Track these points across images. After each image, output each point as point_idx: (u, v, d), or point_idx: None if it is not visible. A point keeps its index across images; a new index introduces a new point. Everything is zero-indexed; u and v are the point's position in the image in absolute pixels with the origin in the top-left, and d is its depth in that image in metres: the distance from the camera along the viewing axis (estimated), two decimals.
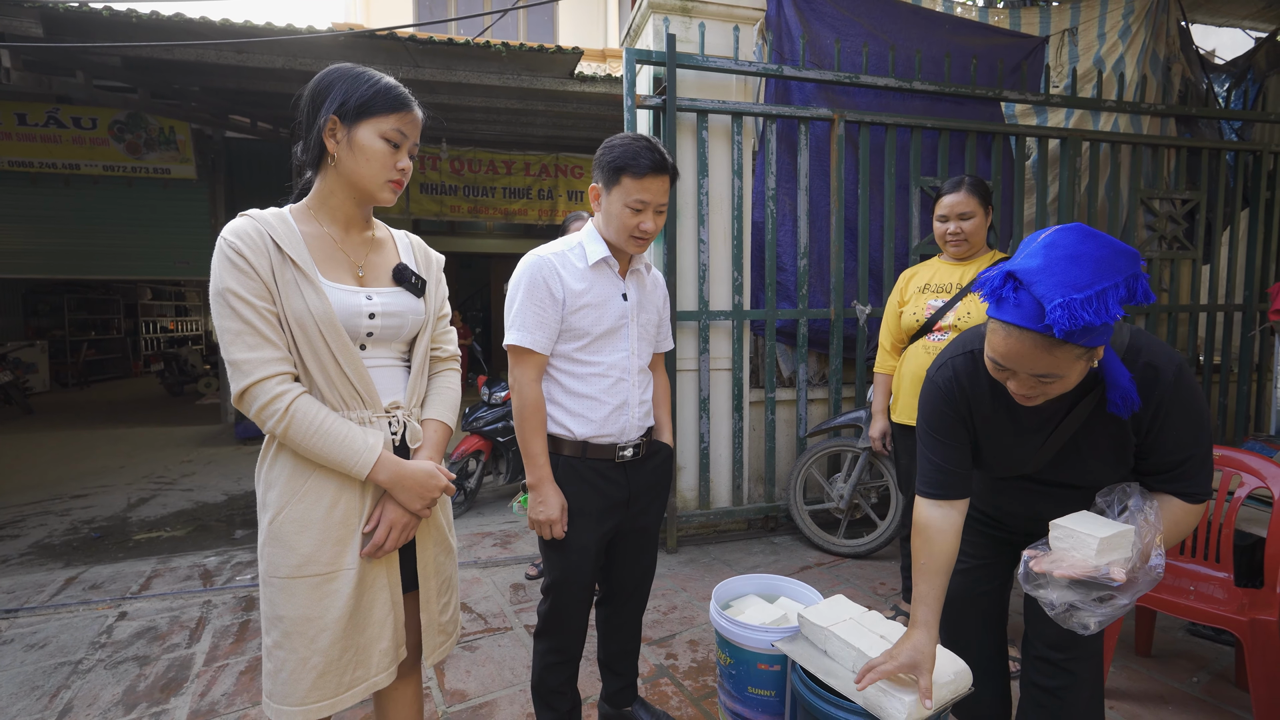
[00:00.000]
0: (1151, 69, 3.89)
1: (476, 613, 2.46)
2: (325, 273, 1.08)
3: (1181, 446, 1.12)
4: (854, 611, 1.51)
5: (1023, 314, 0.96)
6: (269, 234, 1.03)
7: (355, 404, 1.09)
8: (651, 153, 1.39)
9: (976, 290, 1.06)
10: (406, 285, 1.16)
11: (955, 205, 2.03)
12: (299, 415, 1.01)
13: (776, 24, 3.24)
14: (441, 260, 1.30)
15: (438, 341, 1.25)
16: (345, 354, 1.06)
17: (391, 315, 1.13)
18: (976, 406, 1.22)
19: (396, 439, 1.14)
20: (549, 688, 1.54)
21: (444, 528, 1.24)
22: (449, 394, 1.26)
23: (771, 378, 3.25)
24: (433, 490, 1.12)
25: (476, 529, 3.58)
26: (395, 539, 1.09)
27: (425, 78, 4.52)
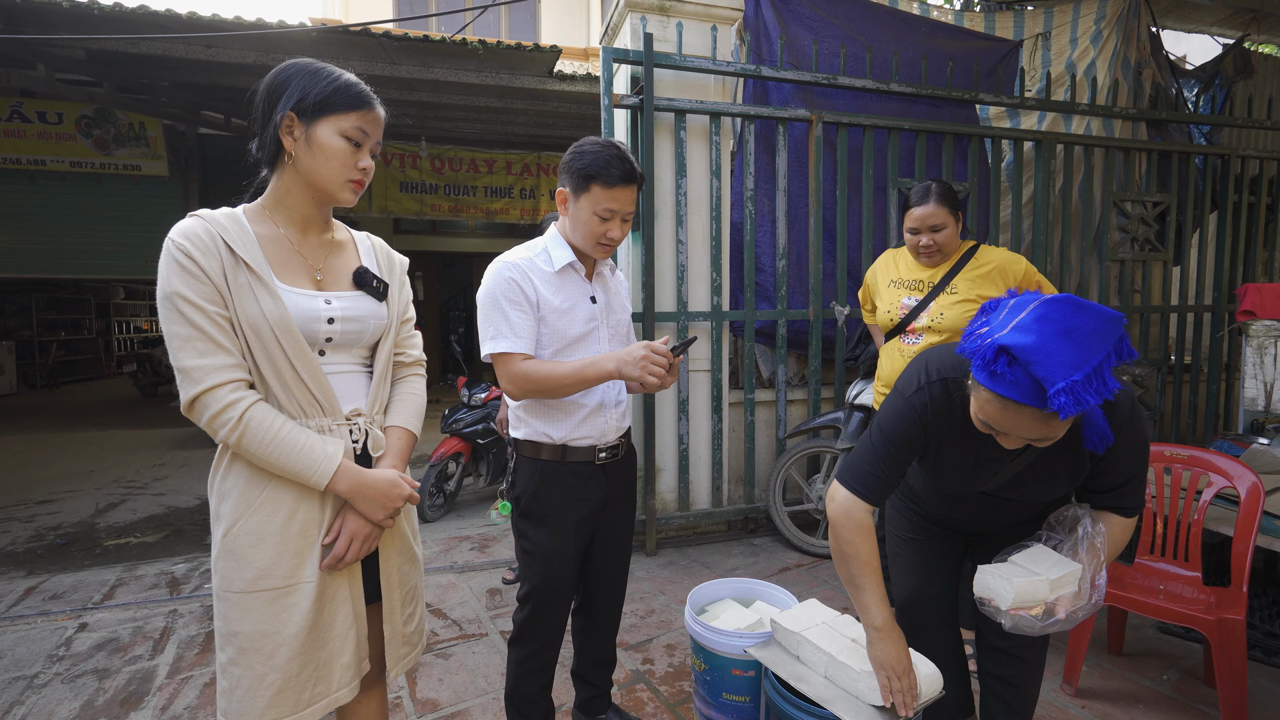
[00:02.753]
0: (1123, 74, 3.95)
1: (451, 619, 2.42)
2: (281, 276, 1.04)
3: (1128, 469, 1.20)
4: (827, 616, 1.50)
5: (1020, 390, 0.96)
6: (220, 235, 0.99)
7: (314, 411, 1.05)
8: (623, 162, 1.38)
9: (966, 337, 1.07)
10: (368, 289, 1.13)
11: (926, 218, 2.00)
12: (253, 424, 0.97)
13: (754, 24, 3.24)
14: (405, 263, 1.26)
15: (401, 346, 1.22)
16: (302, 360, 1.02)
17: (351, 320, 1.09)
18: (944, 435, 1.23)
19: (358, 447, 1.10)
20: (524, 696, 1.51)
21: (408, 536, 1.21)
22: (413, 400, 1.22)
23: (750, 379, 3.24)
24: (395, 500, 1.08)
25: (455, 532, 3.54)
26: (357, 550, 1.06)
27: (402, 75, 4.45)
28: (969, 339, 1.05)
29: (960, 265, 2.03)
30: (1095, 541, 1.21)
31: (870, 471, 1.27)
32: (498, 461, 4.47)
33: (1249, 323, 3.13)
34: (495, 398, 4.50)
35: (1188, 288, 4.11)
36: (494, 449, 4.43)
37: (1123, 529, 1.25)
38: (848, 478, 1.29)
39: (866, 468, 1.27)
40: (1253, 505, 1.83)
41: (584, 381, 1.37)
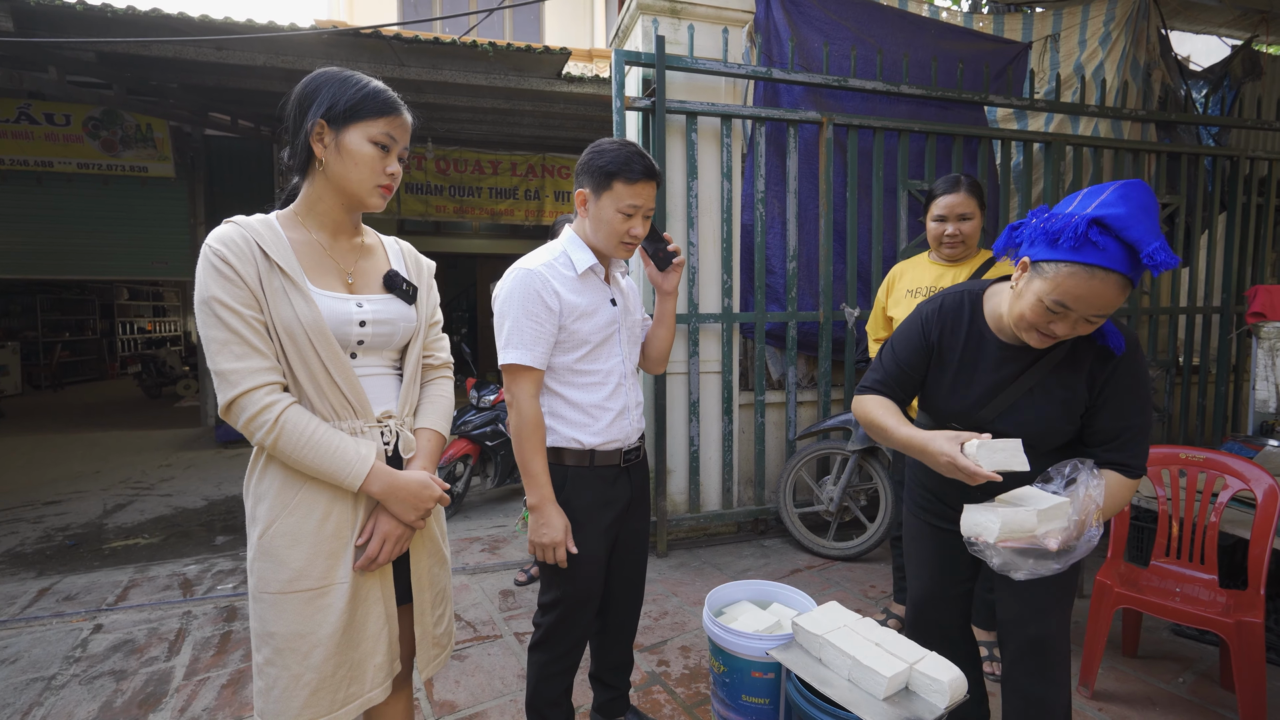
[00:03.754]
0: (1132, 75, 3.94)
1: (465, 620, 2.42)
2: (314, 280, 1.06)
3: (1125, 414, 1.22)
4: (848, 618, 1.51)
5: (1109, 257, 1.04)
6: (255, 241, 1.01)
7: (346, 414, 1.07)
8: (643, 159, 1.40)
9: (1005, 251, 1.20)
10: (398, 292, 1.14)
11: (954, 206, 2.01)
12: (289, 426, 0.99)
13: (765, 27, 3.24)
14: (432, 266, 1.28)
15: (430, 349, 1.23)
16: (335, 363, 1.04)
17: (382, 323, 1.11)
18: (948, 339, 1.32)
19: (389, 449, 1.12)
20: (546, 701, 1.51)
21: (438, 538, 1.22)
22: (442, 402, 1.23)
23: (761, 380, 3.25)
24: (427, 501, 1.10)
25: (464, 534, 3.54)
26: (389, 551, 1.07)
27: (410, 77, 4.46)
28: (1017, 231, 1.17)
29: (979, 273, 2.04)
30: (1091, 491, 1.18)
31: (878, 377, 1.40)
32: (505, 463, 4.47)
33: (1260, 324, 3.13)
34: (504, 399, 4.51)
35: (1196, 289, 4.11)
36: (502, 450, 4.44)
37: (1123, 485, 1.23)
38: (861, 385, 1.43)
39: (875, 373, 1.41)
40: (1270, 507, 1.83)
41: (521, 467, 1.41)
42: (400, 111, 1.09)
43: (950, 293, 1.34)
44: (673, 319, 1.62)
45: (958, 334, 1.30)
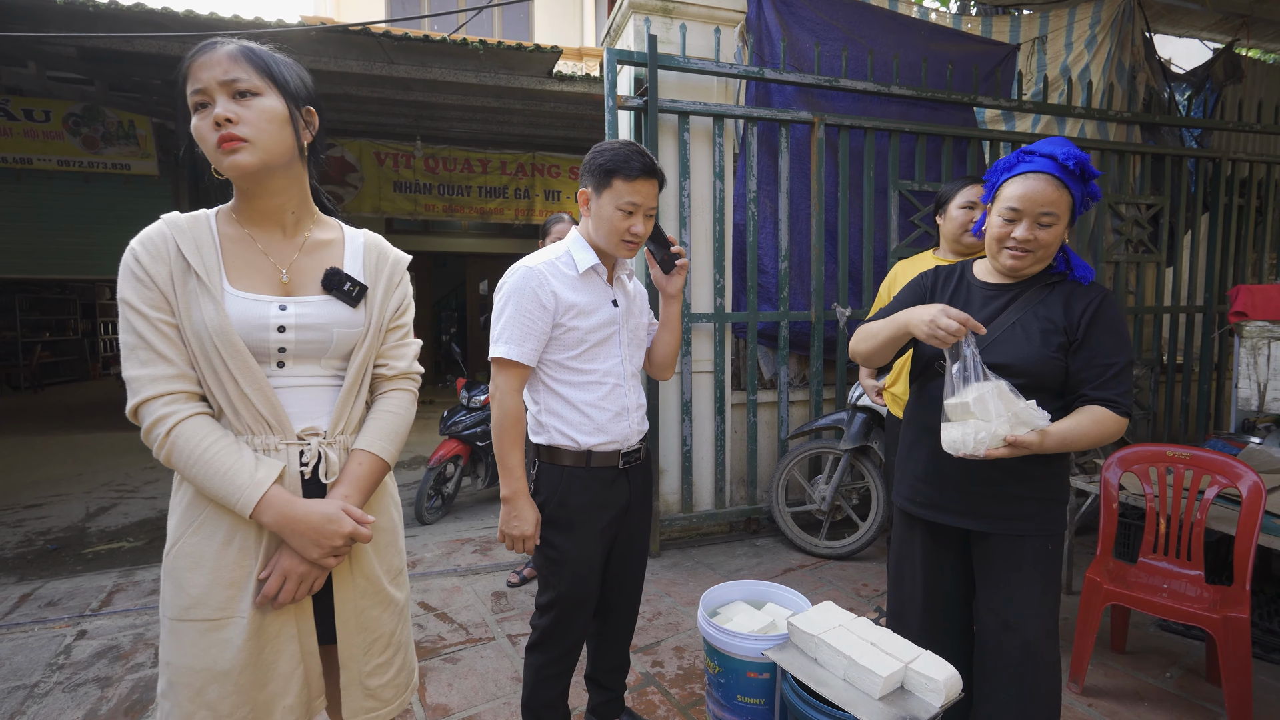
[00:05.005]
0: (1118, 77, 4.00)
1: (458, 623, 2.40)
2: (238, 279, 0.96)
3: (1108, 353, 1.33)
4: (844, 618, 1.51)
5: (1034, 165, 1.29)
6: (175, 239, 0.94)
7: (261, 429, 0.95)
8: (642, 157, 1.40)
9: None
10: (338, 293, 1.02)
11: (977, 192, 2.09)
12: (180, 441, 0.90)
13: (757, 27, 3.25)
14: (399, 262, 1.13)
15: (385, 357, 1.09)
16: (244, 371, 0.93)
17: (310, 328, 0.98)
18: (942, 286, 1.51)
19: (306, 471, 0.98)
20: (542, 702, 1.51)
21: (377, 577, 1.06)
22: (386, 419, 1.06)
23: (753, 380, 3.25)
24: (331, 538, 0.94)
25: (455, 535, 3.52)
26: (291, 590, 0.94)
27: (400, 74, 4.42)
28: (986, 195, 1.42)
29: None
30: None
31: (874, 316, 1.53)
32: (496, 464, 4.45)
33: (1241, 324, 3.18)
34: None
35: (1180, 289, 4.17)
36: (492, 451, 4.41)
37: (1111, 418, 1.30)
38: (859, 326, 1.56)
39: (874, 315, 1.55)
40: (1255, 504, 1.86)
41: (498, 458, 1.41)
42: (203, 54, 0.92)
43: (944, 265, 1.58)
44: (678, 323, 1.61)
45: (949, 283, 1.51)
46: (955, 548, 1.53)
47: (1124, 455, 2.13)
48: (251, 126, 0.91)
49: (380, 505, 1.09)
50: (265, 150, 0.92)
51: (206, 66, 0.91)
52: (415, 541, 3.39)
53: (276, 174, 0.97)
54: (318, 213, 1.09)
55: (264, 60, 0.94)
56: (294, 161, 0.99)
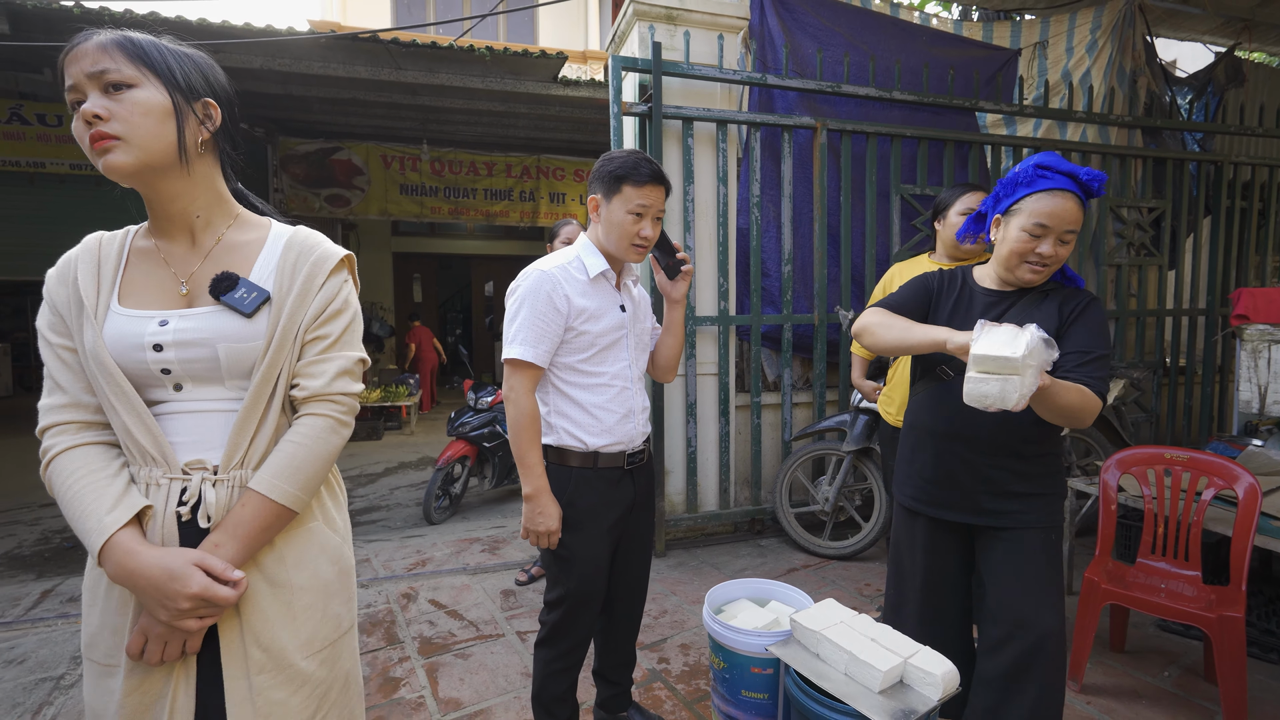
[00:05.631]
0: (1119, 82, 4.02)
1: (468, 620, 2.45)
2: (130, 296, 0.88)
3: (1089, 344, 1.40)
4: (845, 615, 1.55)
5: (1059, 182, 1.35)
6: (77, 260, 0.89)
7: (145, 460, 0.85)
8: (650, 164, 1.47)
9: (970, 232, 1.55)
10: (229, 301, 0.87)
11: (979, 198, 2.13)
12: (53, 475, 0.84)
13: (760, 33, 3.29)
14: (327, 259, 0.94)
15: (299, 374, 0.91)
16: (120, 397, 0.84)
17: (190, 344, 0.85)
18: (945, 290, 1.56)
19: (184, 512, 0.85)
20: (552, 696, 1.55)
21: (282, 649, 0.87)
22: (288, 452, 0.88)
23: (757, 382, 3.29)
24: (174, 599, 0.78)
25: (464, 534, 3.57)
26: (155, 651, 0.81)
27: (407, 80, 4.48)
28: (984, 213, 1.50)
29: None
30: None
31: (877, 305, 1.56)
32: (503, 464, 4.51)
33: (1243, 327, 3.21)
34: (501, 401, 4.55)
35: (1182, 292, 4.19)
36: (500, 452, 4.47)
37: (1086, 393, 1.32)
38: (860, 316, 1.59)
39: (880, 302, 1.58)
40: (1251, 506, 1.89)
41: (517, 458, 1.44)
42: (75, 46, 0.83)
43: (946, 269, 1.62)
44: (681, 328, 1.66)
45: (953, 287, 1.55)
46: (958, 542, 1.57)
47: (1122, 457, 2.17)
48: (123, 122, 0.80)
49: (300, 556, 0.91)
50: (141, 148, 0.81)
51: (75, 60, 0.80)
52: (424, 540, 3.44)
53: (168, 175, 0.86)
54: (242, 214, 0.97)
55: (139, 48, 0.83)
56: (194, 160, 0.88)
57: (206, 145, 0.90)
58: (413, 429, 7.62)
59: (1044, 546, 1.46)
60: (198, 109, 0.88)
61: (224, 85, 0.94)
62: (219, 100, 0.91)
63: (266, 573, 0.88)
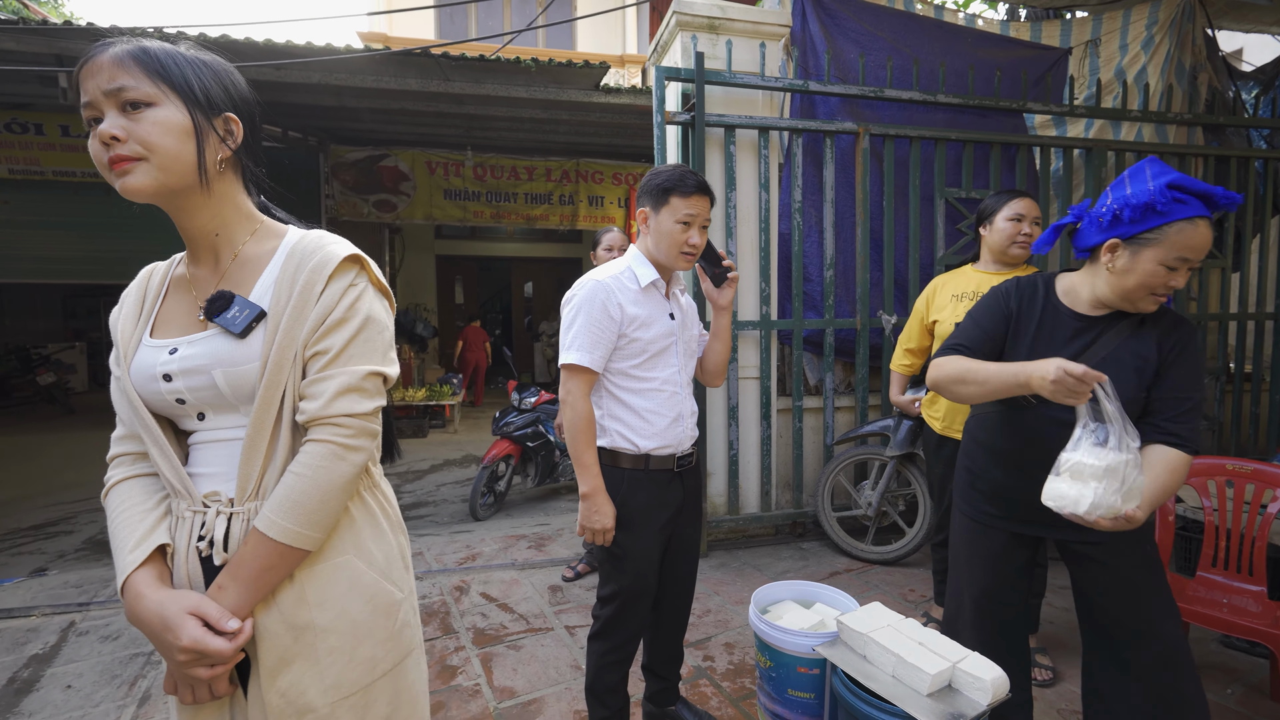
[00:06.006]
0: (1177, 78, 3.89)
1: (518, 613, 2.56)
2: (161, 326, 0.87)
3: (1186, 388, 1.32)
4: (892, 618, 1.58)
5: (1197, 207, 1.22)
6: (131, 293, 0.91)
7: (174, 492, 0.84)
8: (695, 175, 1.54)
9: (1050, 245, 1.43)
10: (222, 323, 0.81)
11: (1031, 208, 2.14)
12: (107, 509, 0.86)
13: (801, 40, 3.31)
14: (326, 263, 0.85)
15: (302, 395, 0.84)
16: (145, 429, 0.84)
17: (192, 372, 0.82)
18: (1026, 309, 1.43)
19: (203, 547, 0.81)
20: (605, 687, 1.63)
21: (301, 694, 0.81)
22: (290, 485, 0.81)
23: (799, 386, 3.31)
24: (169, 650, 0.75)
25: (510, 531, 3.69)
26: (185, 694, 0.79)
27: (455, 91, 4.64)
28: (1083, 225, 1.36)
29: None
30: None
31: (958, 340, 1.47)
32: (545, 464, 4.63)
33: None
34: (545, 402, 4.66)
35: (1248, 295, 4.02)
36: (542, 451, 4.59)
37: (1180, 460, 1.27)
38: (939, 350, 1.50)
39: (954, 339, 1.48)
40: None
41: (574, 458, 1.51)
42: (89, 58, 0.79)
43: (1023, 276, 1.49)
44: (728, 333, 1.72)
45: (1034, 305, 1.42)
46: (1027, 554, 1.55)
47: None
48: (142, 143, 0.76)
49: (325, 595, 0.84)
50: (162, 169, 0.78)
51: (91, 74, 0.76)
52: (473, 536, 3.57)
53: (187, 194, 0.82)
54: (264, 225, 0.92)
55: (157, 62, 0.78)
56: (214, 180, 0.84)
57: (227, 162, 0.86)
58: (456, 427, 7.84)
59: (1144, 557, 1.41)
60: (218, 125, 0.84)
61: (245, 95, 0.89)
62: (240, 113, 0.87)
63: (285, 614, 0.81)
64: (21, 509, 5.31)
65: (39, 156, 6.18)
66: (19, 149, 6.14)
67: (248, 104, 0.90)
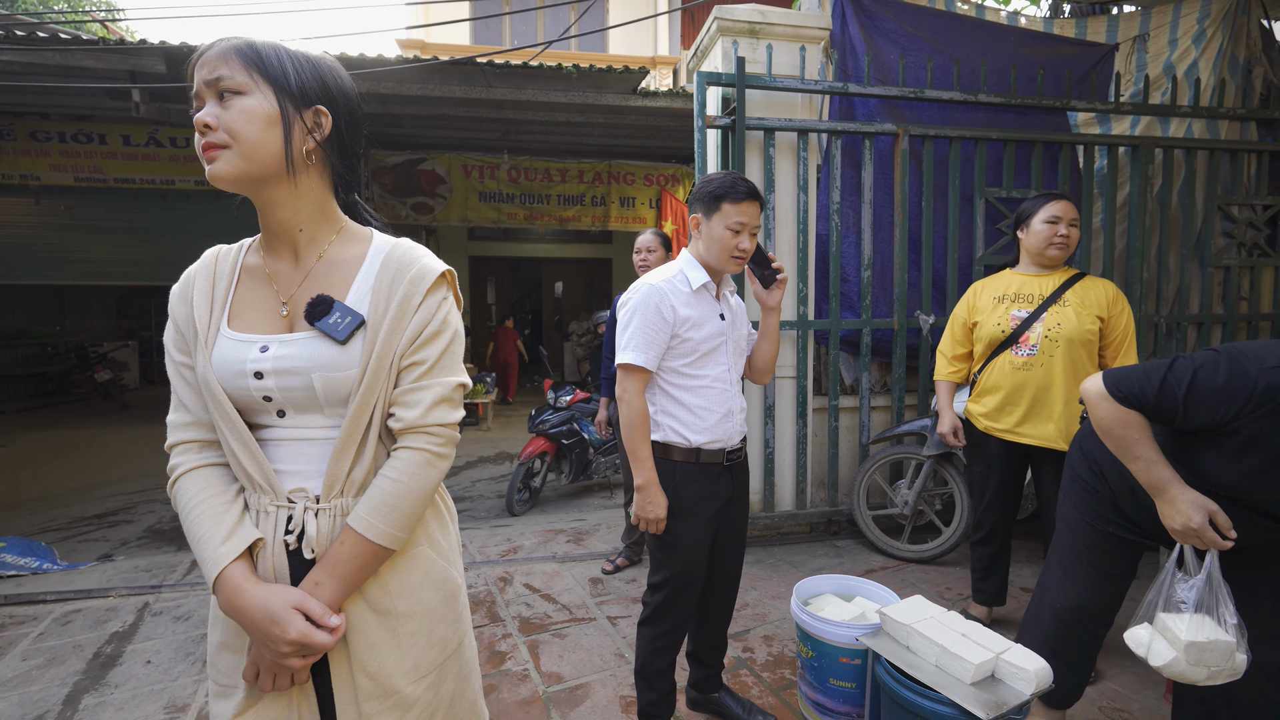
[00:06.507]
0: (1230, 73, 3.79)
1: (561, 603, 2.65)
2: (238, 318, 0.88)
3: None
4: (934, 611, 1.62)
5: None
6: (197, 275, 0.90)
7: (253, 486, 0.86)
8: (746, 182, 1.60)
9: None
10: (323, 326, 0.84)
11: (1068, 210, 2.13)
12: (178, 495, 0.86)
13: (841, 42, 3.33)
14: (425, 275, 0.88)
15: (395, 403, 0.87)
16: (228, 423, 0.85)
17: (288, 373, 0.83)
18: (1274, 418, 1.13)
19: (291, 541, 0.85)
20: (654, 671, 1.70)
21: (388, 676, 0.87)
22: (383, 488, 0.85)
23: (835, 386, 3.34)
24: (274, 642, 0.79)
25: (547, 526, 3.79)
26: (266, 681, 0.83)
27: (496, 97, 4.78)
28: None
29: (1070, 282, 2.12)
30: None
31: (1149, 394, 1.23)
32: (579, 461, 4.73)
33: None
34: (580, 400, 4.76)
35: None
36: (576, 449, 4.69)
37: None
38: (1126, 392, 1.28)
39: (1149, 387, 1.24)
40: None
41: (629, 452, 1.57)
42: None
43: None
44: (776, 333, 1.77)
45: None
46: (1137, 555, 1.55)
47: None
48: (228, 130, 0.78)
49: (404, 584, 0.89)
50: (244, 157, 0.79)
51: (199, 67, 0.80)
52: (512, 530, 3.68)
53: (273, 184, 0.84)
54: (348, 226, 0.93)
55: (256, 54, 0.81)
56: (300, 170, 0.85)
57: (314, 155, 0.86)
58: (489, 425, 8.01)
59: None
60: (307, 117, 0.84)
61: (345, 92, 0.89)
62: (335, 108, 0.87)
63: (371, 602, 0.87)
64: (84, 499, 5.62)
65: (102, 165, 6.53)
66: (84, 158, 6.49)
67: (346, 99, 0.89)
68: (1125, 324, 2.11)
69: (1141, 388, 1.27)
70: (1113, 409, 1.30)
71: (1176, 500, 1.20)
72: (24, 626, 2.52)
